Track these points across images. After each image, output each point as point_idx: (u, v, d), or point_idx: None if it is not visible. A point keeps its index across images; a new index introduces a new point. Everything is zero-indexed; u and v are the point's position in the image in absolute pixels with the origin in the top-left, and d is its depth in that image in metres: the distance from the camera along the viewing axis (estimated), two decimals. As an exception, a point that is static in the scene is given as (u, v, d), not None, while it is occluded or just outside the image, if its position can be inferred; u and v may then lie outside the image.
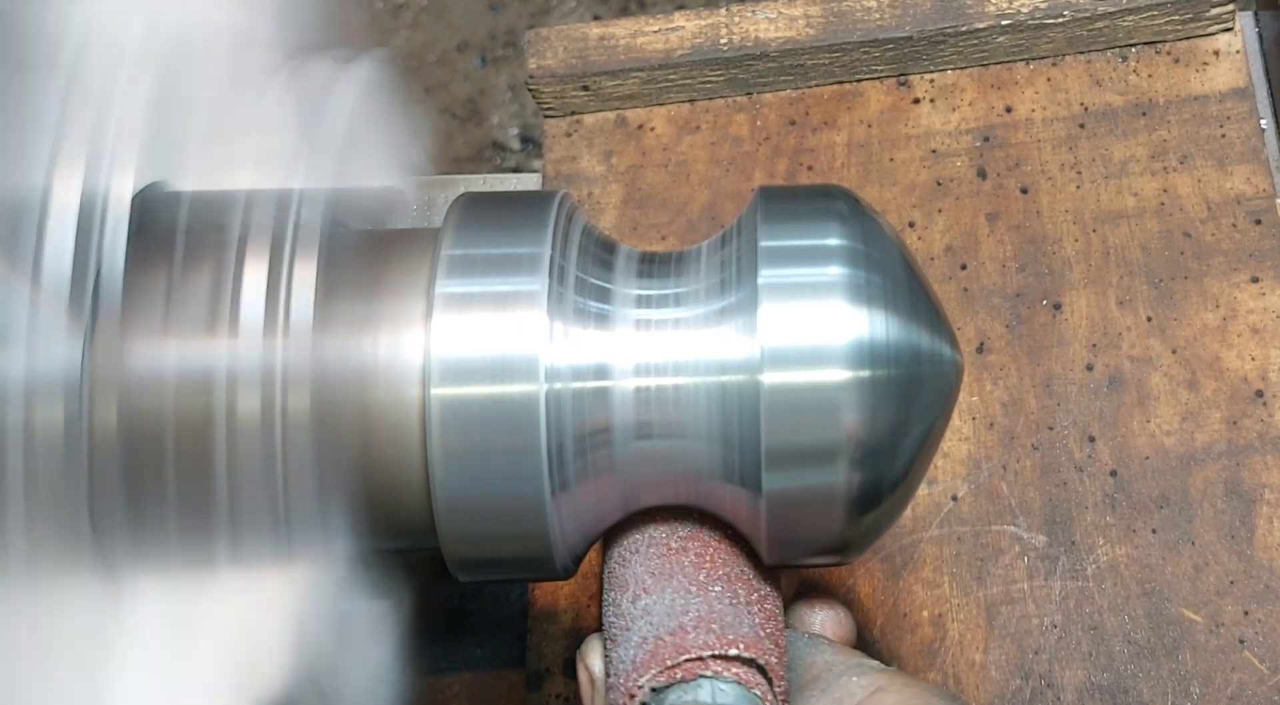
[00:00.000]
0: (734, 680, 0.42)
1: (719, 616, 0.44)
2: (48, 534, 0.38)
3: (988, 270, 0.71)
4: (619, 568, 0.47)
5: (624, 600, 0.46)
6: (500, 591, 0.70)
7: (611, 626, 0.46)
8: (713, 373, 0.44)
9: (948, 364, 0.45)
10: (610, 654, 0.45)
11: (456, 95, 1.49)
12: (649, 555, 0.46)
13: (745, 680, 0.42)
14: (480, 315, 0.43)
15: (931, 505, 0.66)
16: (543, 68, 0.76)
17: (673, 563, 0.46)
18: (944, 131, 0.75)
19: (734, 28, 0.76)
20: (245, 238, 0.43)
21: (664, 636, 0.43)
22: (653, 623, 0.44)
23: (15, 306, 0.38)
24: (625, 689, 0.43)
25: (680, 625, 0.43)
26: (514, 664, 0.68)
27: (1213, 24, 0.74)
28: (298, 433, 0.41)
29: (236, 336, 0.42)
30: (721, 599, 0.45)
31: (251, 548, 0.42)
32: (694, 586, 0.45)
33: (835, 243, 0.44)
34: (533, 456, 0.43)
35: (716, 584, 0.45)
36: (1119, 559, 0.64)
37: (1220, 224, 0.70)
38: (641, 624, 0.44)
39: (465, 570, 0.46)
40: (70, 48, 0.41)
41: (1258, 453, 0.65)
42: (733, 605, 0.45)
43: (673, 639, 0.43)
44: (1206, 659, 0.62)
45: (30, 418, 0.38)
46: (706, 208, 0.75)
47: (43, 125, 0.40)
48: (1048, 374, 0.68)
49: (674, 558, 0.46)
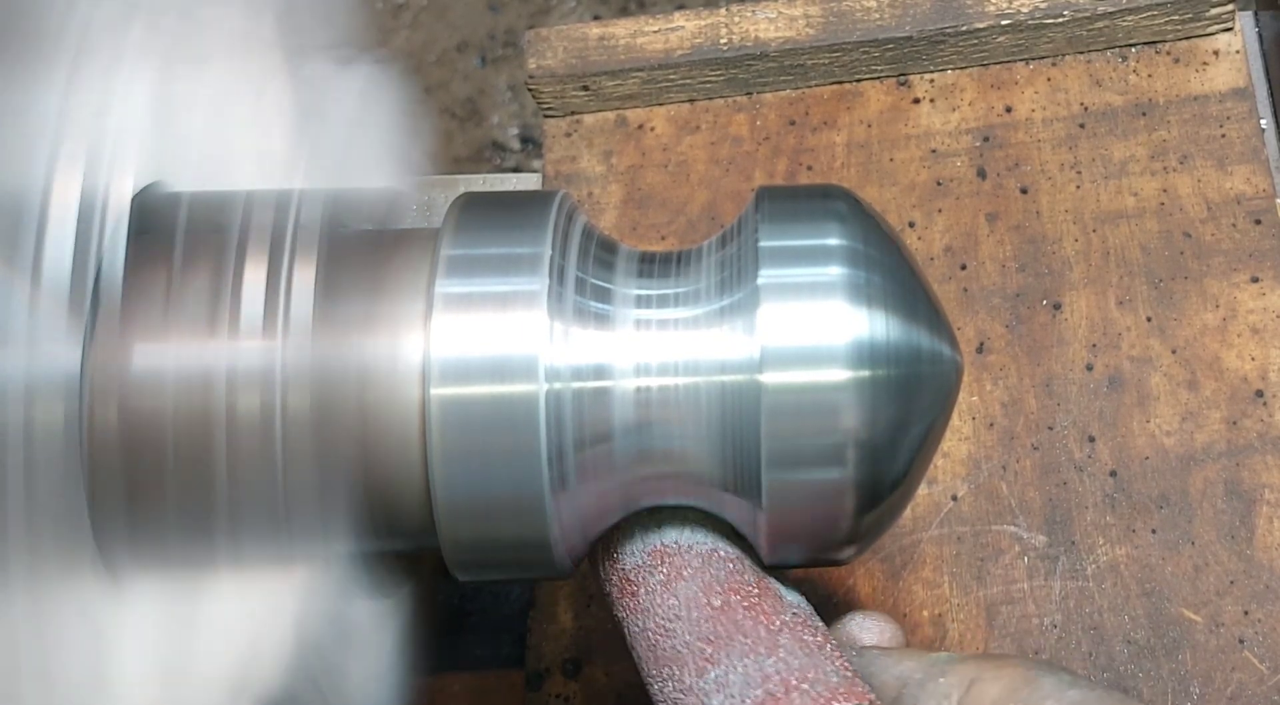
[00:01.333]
0: None
1: (802, 673, 0.42)
2: (48, 534, 0.38)
3: (987, 270, 0.71)
4: (663, 640, 0.44)
5: (685, 675, 0.43)
6: (500, 591, 0.70)
7: (680, 703, 0.43)
8: (713, 373, 0.44)
9: (947, 364, 0.45)
10: None
11: (456, 95, 1.49)
12: (693, 619, 0.44)
13: None
14: (480, 315, 0.43)
15: (931, 505, 0.66)
16: (543, 68, 0.76)
17: (726, 621, 0.44)
18: (944, 131, 0.75)
19: (734, 28, 0.76)
20: (245, 238, 0.43)
21: None
22: (733, 695, 0.41)
23: (15, 306, 0.38)
24: None
25: (769, 693, 0.41)
26: (514, 664, 0.68)
27: (1213, 24, 0.74)
28: (298, 433, 0.41)
29: (236, 336, 0.42)
30: (793, 652, 0.42)
31: (251, 547, 0.42)
32: (761, 645, 0.43)
33: (835, 243, 0.44)
34: (532, 456, 0.43)
35: (782, 634, 0.43)
36: (1119, 559, 0.64)
37: (1220, 224, 0.70)
38: (720, 699, 0.42)
39: (465, 570, 0.46)
40: (70, 48, 0.41)
41: (1258, 453, 0.65)
42: (806, 654, 0.43)
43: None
44: (1206, 659, 0.62)
45: (30, 418, 0.38)
46: (706, 208, 0.75)
47: (43, 125, 0.40)
48: (1048, 374, 0.68)
49: (722, 615, 0.44)
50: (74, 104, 0.40)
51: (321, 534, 0.43)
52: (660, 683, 0.44)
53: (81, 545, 0.40)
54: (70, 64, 0.40)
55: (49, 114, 0.40)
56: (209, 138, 0.46)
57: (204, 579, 0.43)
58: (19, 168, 0.39)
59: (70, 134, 0.40)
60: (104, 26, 0.42)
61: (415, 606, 0.50)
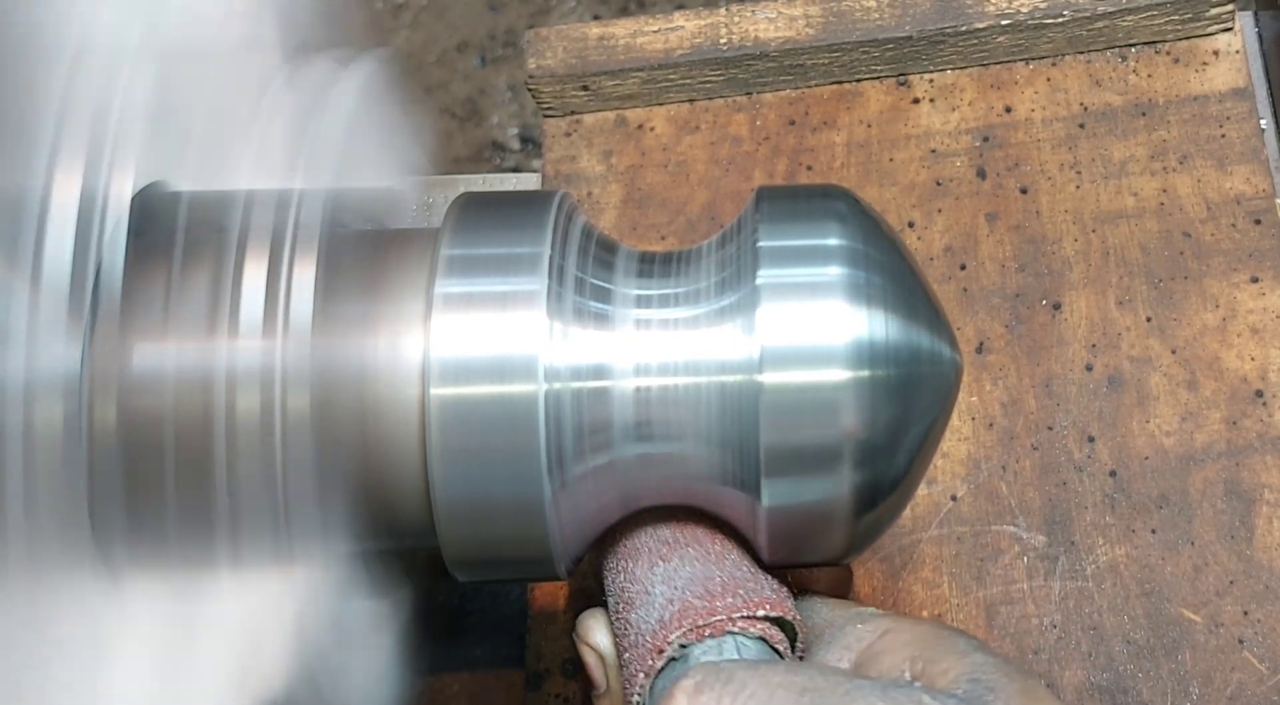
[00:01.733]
0: (758, 636, 0.44)
1: (741, 582, 0.45)
2: (48, 534, 0.38)
3: (987, 270, 0.71)
4: (628, 541, 0.48)
5: (638, 568, 0.47)
6: (500, 591, 0.70)
7: (625, 591, 0.46)
8: (712, 373, 0.44)
9: (947, 364, 0.45)
10: (626, 616, 0.46)
11: (456, 95, 1.49)
12: (659, 530, 0.48)
13: (769, 636, 0.44)
14: (479, 315, 0.43)
15: (931, 505, 0.66)
16: (542, 68, 0.76)
17: (686, 533, 0.47)
18: (943, 131, 0.75)
19: (734, 28, 0.76)
20: (245, 238, 0.43)
21: (691, 601, 0.44)
22: (676, 587, 0.45)
23: (15, 306, 0.38)
24: (653, 645, 0.44)
25: (707, 590, 0.45)
26: (513, 664, 0.68)
27: (1212, 24, 0.74)
28: (297, 433, 0.41)
29: (236, 336, 0.42)
30: (739, 566, 0.46)
31: (251, 547, 0.42)
32: (711, 555, 0.46)
33: (835, 243, 0.44)
34: (532, 456, 0.43)
35: (731, 553, 0.47)
36: (1118, 559, 0.64)
37: (1220, 224, 0.70)
38: (663, 588, 0.45)
39: (465, 570, 0.46)
40: (70, 48, 0.41)
41: (1257, 453, 0.65)
42: (751, 571, 0.46)
43: (701, 602, 0.44)
44: (1206, 659, 0.62)
45: (30, 418, 0.38)
46: (706, 208, 0.75)
47: (43, 125, 0.40)
48: (1047, 374, 0.68)
49: (687, 529, 0.47)
50: (74, 104, 0.40)
51: (321, 534, 0.43)
52: (614, 574, 0.48)
53: (81, 545, 0.40)
54: (70, 64, 0.40)
55: (49, 114, 0.40)
56: (209, 138, 0.46)
57: (203, 579, 0.43)
58: (19, 167, 0.39)
59: (70, 134, 0.40)
60: (104, 26, 0.42)
61: (415, 607, 0.50)
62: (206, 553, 0.42)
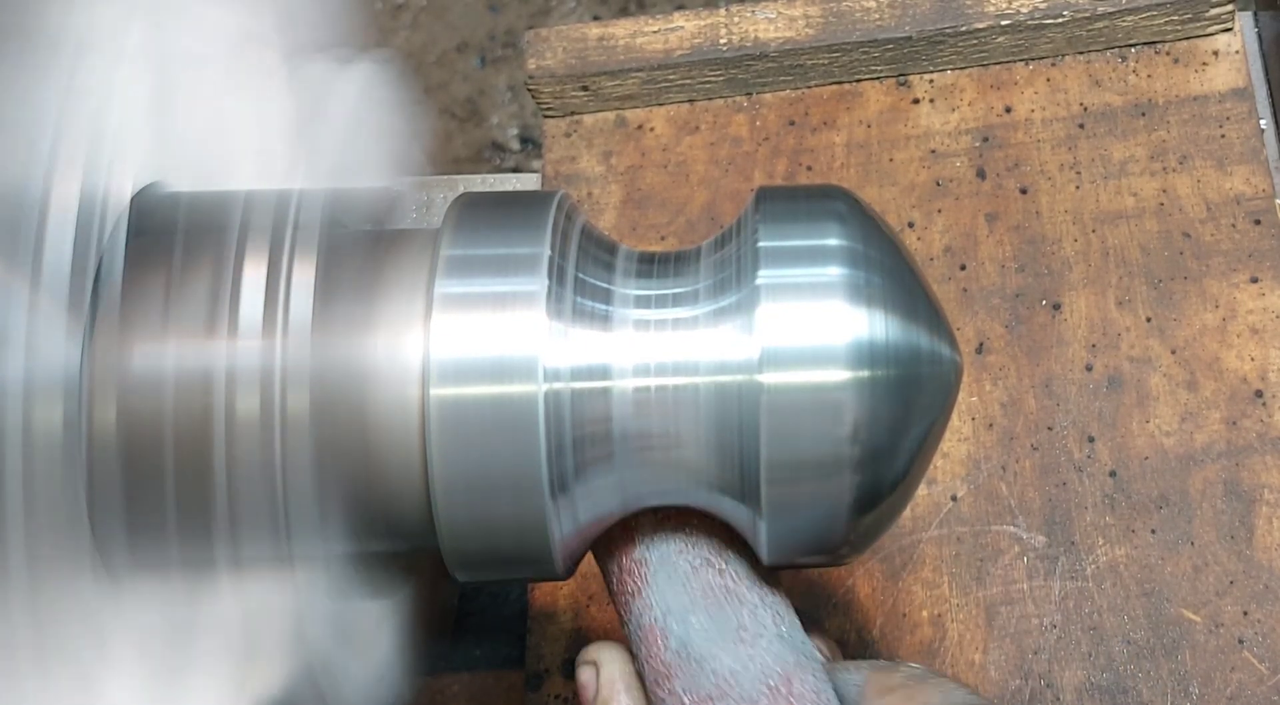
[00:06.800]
0: None
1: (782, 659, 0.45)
2: (47, 534, 0.38)
3: (987, 270, 0.71)
4: (630, 551, 0.48)
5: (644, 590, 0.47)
6: (500, 591, 0.70)
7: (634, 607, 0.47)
8: (712, 373, 0.44)
9: (947, 364, 0.45)
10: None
11: (456, 96, 1.49)
12: (666, 545, 0.48)
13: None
14: (479, 315, 0.43)
15: (931, 505, 0.66)
16: (542, 68, 0.76)
17: (692, 548, 0.47)
18: (943, 132, 0.75)
19: (733, 28, 0.76)
20: (244, 238, 0.43)
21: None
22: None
23: (15, 306, 0.38)
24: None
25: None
26: (513, 664, 0.68)
27: (1212, 24, 0.74)
28: (297, 433, 0.41)
29: (235, 337, 0.42)
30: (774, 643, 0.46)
31: (251, 548, 0.42)
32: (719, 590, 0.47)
33: (834, 243, 0.44)
34: (532, 456, 0.43)
35: (761, 640, 0.47)
36: (1118, 559, 0.64)
37: (1220, 224, 0.70)
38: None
39: (464, 570, 0.46)
40: (70, 48, 0.41)
41: (1257, 453, 0.65)
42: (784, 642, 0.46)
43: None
44: (1206, 659, 0.62)
45: (29, 418, 0.38)
46: (706, 208, 0.75)
47: (43, 125, 0.40)
48: (1047, 374, 0.68)
49: (693, 538, 0.48)
50: (74, 104, 0.40)
51: (320, 534, 0.43)
52: (617, 587, 0.48)
53: (80, 545, 0.40)
54: (70, 64, 0.40)
55: (49, 114, 0.40)
56: (209, 138, 0.46)
57: (203, 580, 0.43)
58: (19, 167, 0.39)
59: (70, 134, 0.40)
60: (104, 26, 0.42)
61: (415, 607, 0.50)
62: (206, 553, 0.42)
